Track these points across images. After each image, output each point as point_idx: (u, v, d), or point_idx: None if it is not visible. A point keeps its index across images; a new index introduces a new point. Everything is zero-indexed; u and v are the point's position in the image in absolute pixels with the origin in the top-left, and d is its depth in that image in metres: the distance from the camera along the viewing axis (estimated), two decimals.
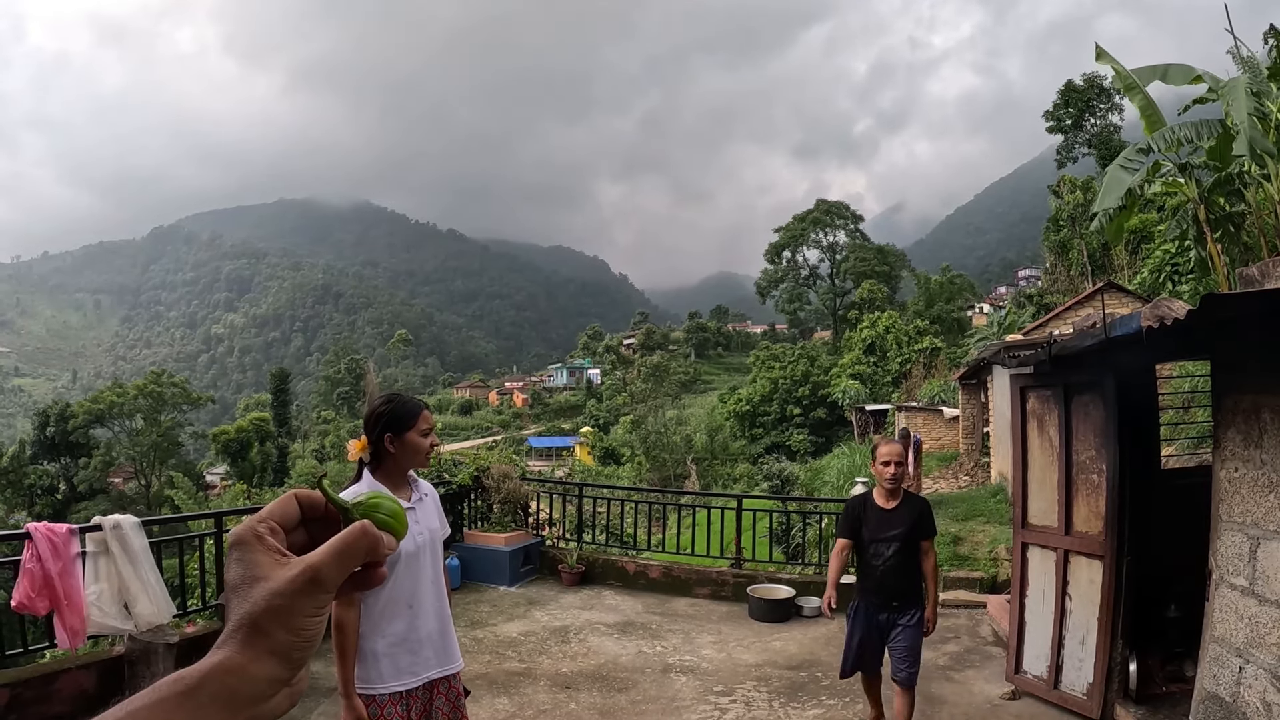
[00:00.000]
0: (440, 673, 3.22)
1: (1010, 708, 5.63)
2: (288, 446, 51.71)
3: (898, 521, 4.94)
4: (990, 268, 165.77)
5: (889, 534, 4.92)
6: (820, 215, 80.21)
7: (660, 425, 41.51)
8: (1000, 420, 15.18)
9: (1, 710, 4.95)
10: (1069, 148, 44.77)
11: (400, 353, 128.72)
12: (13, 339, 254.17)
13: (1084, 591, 5.45)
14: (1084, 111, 43.49)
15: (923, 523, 5.01)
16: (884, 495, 5.04)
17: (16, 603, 5.11)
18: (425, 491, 3.37)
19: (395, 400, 3.29)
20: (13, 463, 44.84)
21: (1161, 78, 10.02)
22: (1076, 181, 36.63)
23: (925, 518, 5.05)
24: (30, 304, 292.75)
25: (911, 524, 4.95)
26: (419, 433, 3.20)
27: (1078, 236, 33.65)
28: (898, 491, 5.02)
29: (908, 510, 4.99)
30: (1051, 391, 5.93)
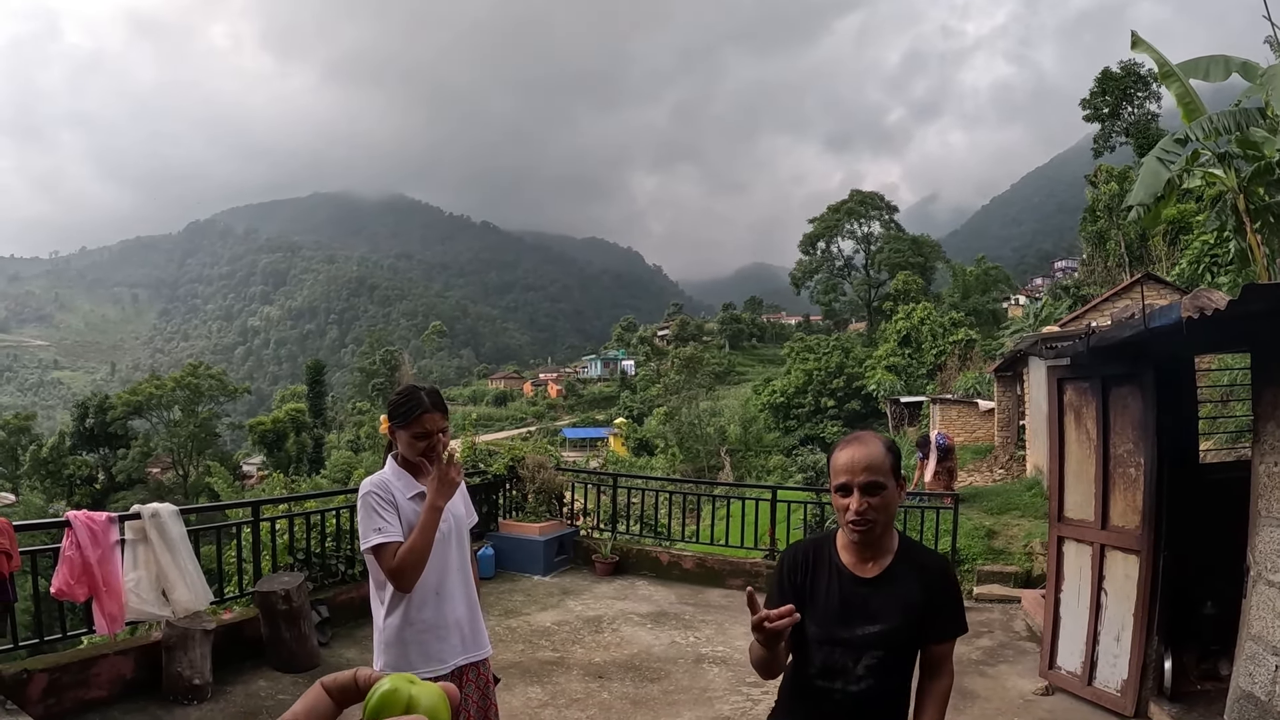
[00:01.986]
0: (469, 659, 3.21)
1: (1043, 703, 5.57)
2: (323, 437, 52.13)
3: (883, 607, 2.47)
4: (1026, 259, 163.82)
5: (862, 631, 2.47)
6: (854, 206, 79.73)
7: (694, 416, 41.51)
8: (1036, 413, 15.02)
9: (40, 695, 5.04)
10: (1106, 136, 44.05)
11: (435, 344, 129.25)
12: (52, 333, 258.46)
13: (1120, 587, 5.38)
14: (1121, 100, 42.79)
15: (938, 611, 2.50)
16: (853, 552, 2.55)
17: (56, 589, 5.21)
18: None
19: (401, 396, 3.25)
20: (52, 453, 45.70)
21: (1203, 76, 9.85)
22: (1114, 171, 36.12)
23: (943, 598, 2.53)
24: (69, 298, 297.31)
25: (910, 614, 2.46)
26: (412, 434, 3.15)
27: (1115, 227, 33.11)
28: (880, 544, 2.51)
29: (906, 583, 2.48)
30: (1089, 384, 5.85)
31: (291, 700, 4.24)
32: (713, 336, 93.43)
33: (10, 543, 4.98)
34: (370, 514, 3.03)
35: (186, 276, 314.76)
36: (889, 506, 2.41)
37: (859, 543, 2.46)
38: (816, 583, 2.54)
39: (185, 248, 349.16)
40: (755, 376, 68.58)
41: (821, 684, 2.50)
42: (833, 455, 2.49)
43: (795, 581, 2.57)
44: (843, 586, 2.49)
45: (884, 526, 2.43)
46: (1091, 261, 36.49)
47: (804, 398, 48.98)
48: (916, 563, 2.52)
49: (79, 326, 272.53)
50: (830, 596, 2.49)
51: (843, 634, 2.46)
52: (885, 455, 2.41)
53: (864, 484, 2.37)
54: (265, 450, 48.79)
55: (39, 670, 5.12)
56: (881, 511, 2.40)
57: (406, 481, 3.17)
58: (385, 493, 3.08)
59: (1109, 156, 42.74)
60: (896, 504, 2.48)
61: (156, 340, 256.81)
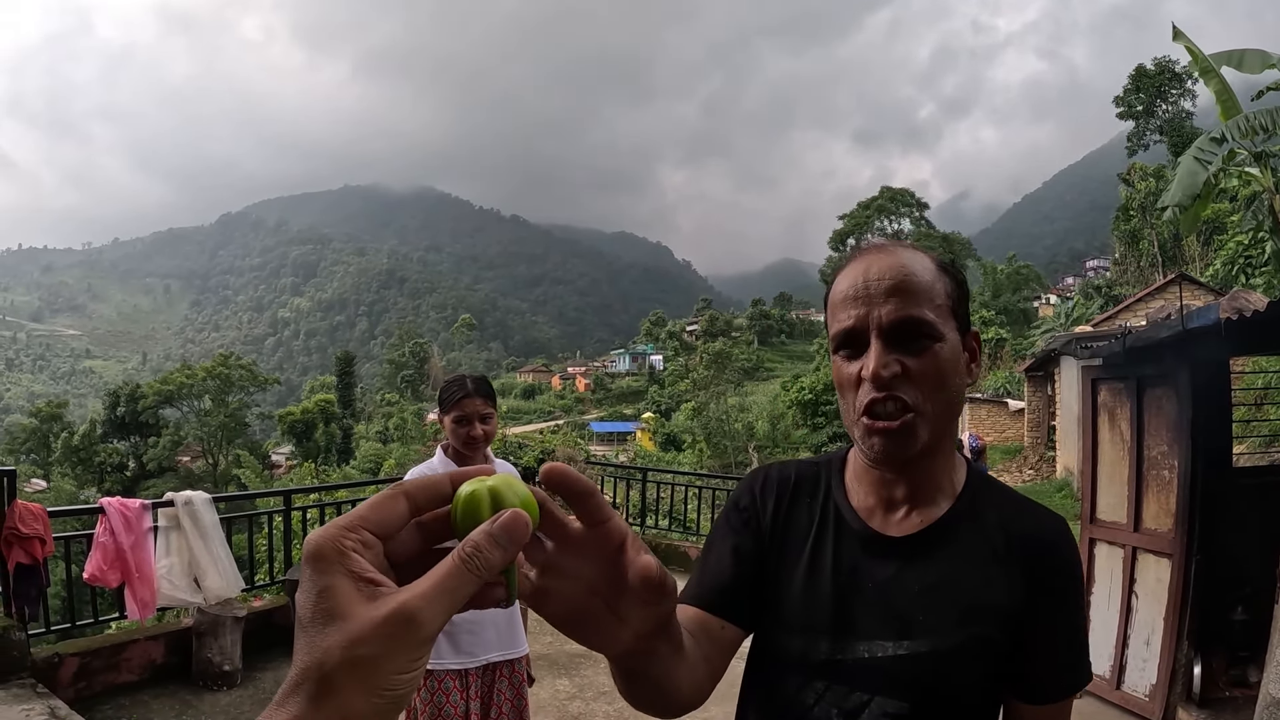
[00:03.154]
0: (503, 656, 3.20)
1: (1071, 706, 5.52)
2: (352, 428, 52.62)
3: (928, 603, 1.19)
4: (1058, 257, 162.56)
5: (875, 651, 1.20)
6: (885, 202, 79.26)
7: (722, 412, 41.49)
8: (1067, 413, 14.89)
9: (71, 678, 5.12)
10: (1140, 134, 43.51)
11: (464, 337, 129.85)
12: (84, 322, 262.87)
13: (1151, 590, 5.32)
14: (1155, 97, 42.26)
15: (1049, 634, 1.21)
16: (873, 485, 1.28)
17: (89, 575, 5.29)
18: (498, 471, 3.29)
19: (447, 383, 3.32)
20: (84, 440, 46.46)
21: (1236, 65, 9.71)
22: (1148, 169, 35.70)
23: (1060, 607, 1.22)
24: (101, 289, 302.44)
25: (986, 625, 1.18)
26: (452, 419, 3.21)
27: (1149, 226, 32.75)
28: (927, 470, 1.24)
29: (981, 559, 1.22)
30: (1124, 384, 5.79)
31: None
32: (741, 332, 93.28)
33: (44, 528, 5.05)
34: None
35: (218, 268, 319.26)
36: (946, 379, 1.17)
37: (883, 461, 1.19)
38: (793, 539, 1.30)
39: (217, 239, 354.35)
40: (784, 373, 68.42)
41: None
42: (834, 282, 1.25)
43: (754, 523, 1.33)
44: (844, 552, 1.25)
45: (937, 428, 1.18)
46: (1124, 261, 36.12)
47: (832, 395, 48.52)
48: (1005, 520, 1.25)
49: (111, 316, 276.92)
50: (818, 571, 1.26)
51: (833, 651, 1.22)
52: (936, 273, 1.20)
53: (893, 322, 1.14)
54: (294, 440, 49.27)
55: (70, 654, 5.21)
56: (931, 388, 1.15)
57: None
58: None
59: (1143, 155, 42.25)
60: (963, 382, 1.22)
61: (188, 330, 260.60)
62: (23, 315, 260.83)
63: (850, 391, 1.20)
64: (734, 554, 1.30)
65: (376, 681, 0.52)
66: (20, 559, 4.90)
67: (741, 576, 1.29)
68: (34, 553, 4.95)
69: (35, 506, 5.15)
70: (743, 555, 1.30)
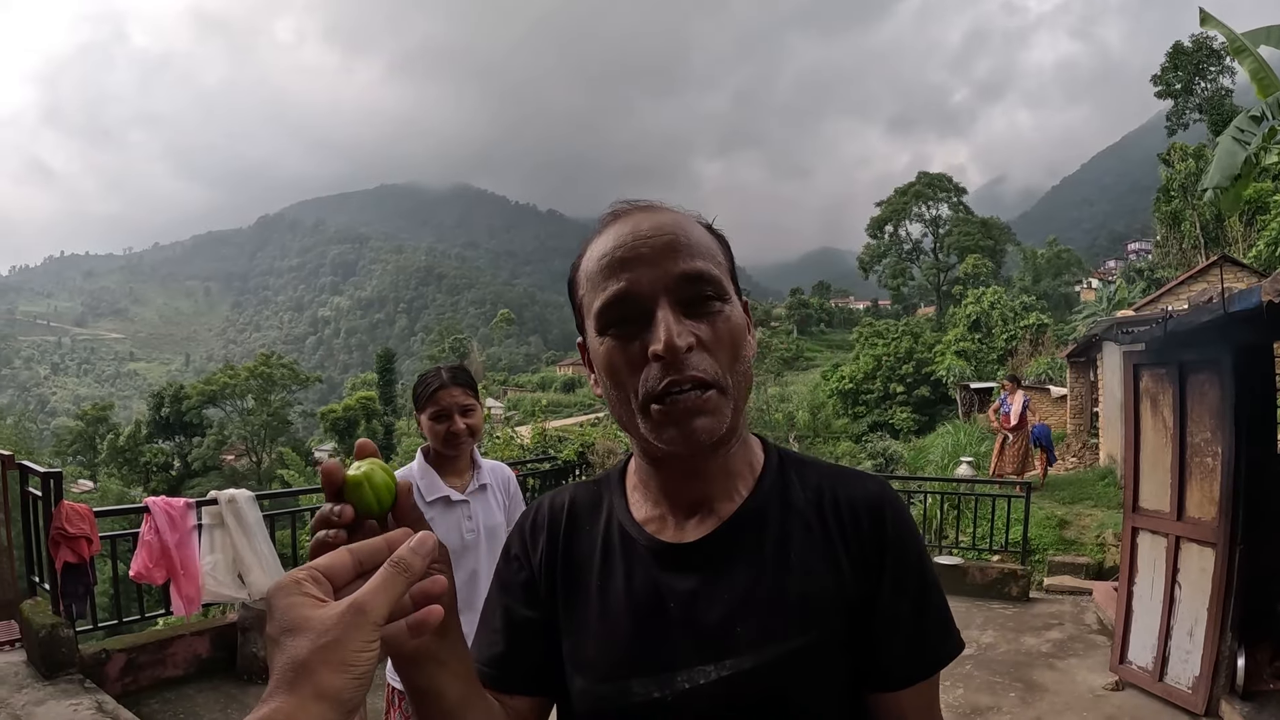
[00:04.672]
0: None
1: (1113, 699, 5.44)
2: (394, 424, 52.87)
3: (735, 613, 1.04)
4: (1098, 241, 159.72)
5: (687, 681, 1.03)
6: (922, 188, 78.45)
7: (762, 403, 41.29)
8: (1110, 400, 14.67)
9: (119, 673, 5.23)
10: (1179, 114, 42.54)
11: (503, 332, 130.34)
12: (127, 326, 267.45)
13: (1194, 580, 5.22)
14: (1194, 75, 41.25)
15: (888, 611, 1.06)
16: (656, 488, 1.12)
17: (135, 572, 5.38)
18: (487, 478, 3.03)
19: (420, 377, 3.00)
20: (129, 441, 47.26)
21: (1276, 44, 9.48)
22: (1188, 149, 34.89)
23: (892, 577, 1.07)
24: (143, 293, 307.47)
25: (807, 622, 1.03)
26: (429, 416, 2.88)
27: (1190, 207, 32.06)
28: (718, 459, 1.07)
29: (791, 548, 1.07)
30: (1166, 370, 5.68)
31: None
32: (780, 322, 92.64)
33: (90, 528, 5.14)
34: None
35: (257, 269, 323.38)
36: (740, 348, 1.03)
37: (685, 454, 1.01)
38: (578, 575, 1.14)
39: (256, 241, 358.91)
40: (824, 362, 67.94)
41: None
42: (589, 246, 1.07)
43: (526, 572, 1.17)
44: (637, 575, 1.09)
45: (739, 407, 1.04)
46: (1166, 243, 35.36)
47: (873, 383, 48.32)
48: (816, 497, 1.11)
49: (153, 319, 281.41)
50: (612, 604, 1.10)
51: (639, 689, 1.05)
52: (707, 232, 1.07)
53: (679, 278, 0.98)
54: (337, 437, 49.66)
55: (117, 650, 5.30)
56: (729, 359, 1.01)
57: (430, 482, 2.91)
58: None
59: (1183, 134, 41.30)
60: (750, 355, 1.06)
61: (229, 331, 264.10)
62: (67, 320, 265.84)
63: (630, 377, 0.98)
64: (505, 618, 1.16)
65: (342, 658, 0.65)
66: (68, 558, 4.99)
67: (517, 644, 1.14)
68: (81, 552, 5.04)
69: (81, 507, 5.24)
70: (515, 619, 1.15)
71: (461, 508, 2.91)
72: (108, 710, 4.47)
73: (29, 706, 4.44)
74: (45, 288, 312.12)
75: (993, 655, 6.39)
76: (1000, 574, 8.11)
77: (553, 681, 1.13)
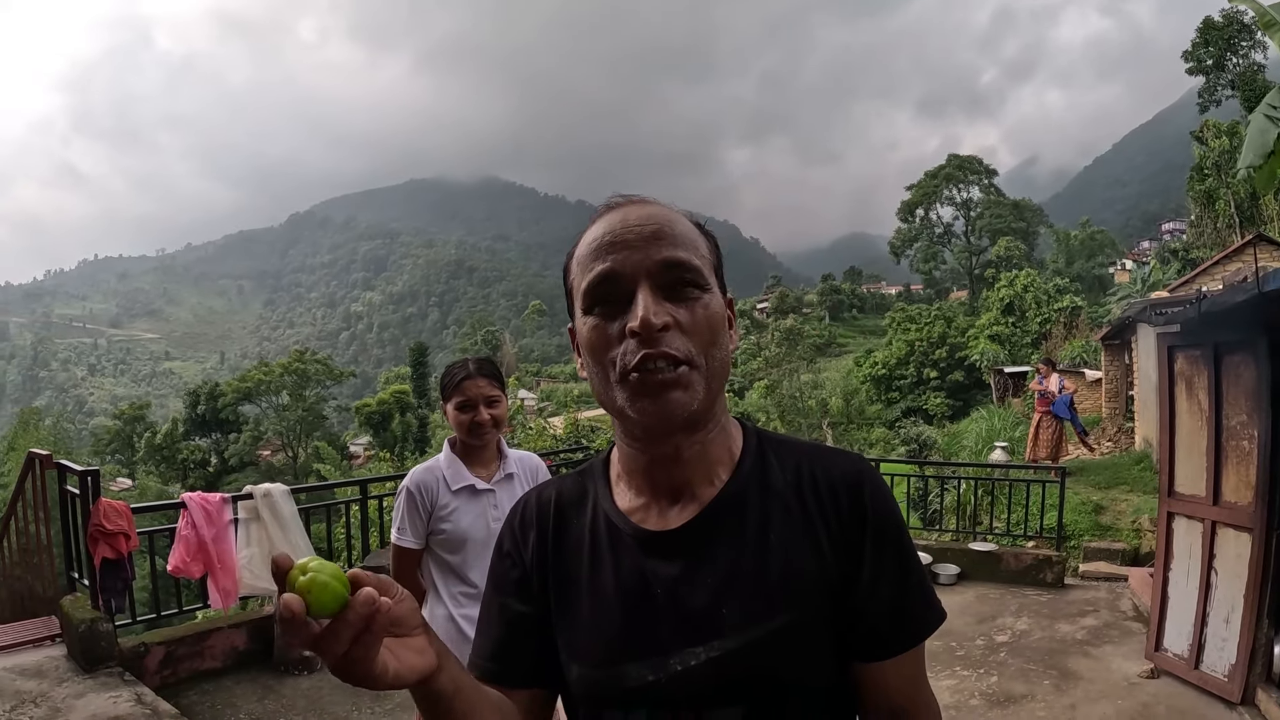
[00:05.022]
0: None
1: (1148, 686, 5.38)
2: (427, 417, 53.16)
3: (719, 595, 1.08)
4: (1131, 221, 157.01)
5: (679, 664, 1.07)
6: (952, 171, 77.72)
7: (795, 390, 41.14)
8: (1145, 383, 14.49)
9: (157, 666, 5.33)
10: (1211, 90, 41.47)
11: (535, 323, 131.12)
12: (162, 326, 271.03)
13: (1230, 566, 5.14)
14: (1225, 51, 40.22)
15: (869, 585, 1.10)
16: (640, 477, 1.16)
17: (172, 567, 5.47)
18: (513, 468, 3.04)
19: (447, 368, 3.03)
20: (166, 439, 47.97)
21: None
22: (1221, 126, 34.14)
23: (873, 552, 1.10)
24: (176, 293, 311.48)
25: (790, 600, 1.07)
26: (455, 406, 2.90)
27: (1224, 186, 31.44)
28: (698, 446, 1.11)
29: (770, 529, 1.11)
30: (1200, 351, 5.59)
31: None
32: (812, 308, 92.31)
33: (128, 524, 5.23)
34: (399, 511, 2.94)
35: (289, 266, 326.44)
36: (718, 335, 1.07)
37: (657, 426, 1.05)
38: (568, 567, 1.18)
39: (287, 239, 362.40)
40: (856, 348, 67.71)
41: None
42: (577, 242, 1.13)
43: (519, 568, 1.21)
44: (624, 563, 1.13)
45: (713, 388, 1.07)
46: (1200, 223, 34.73)
47: (906, 369, 48.04)
48: (795, 477, 1.14)
49: (187, 319, 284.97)
50: (602, 593, 1.14)
51: (633, 675, 1.09)
52: (693, 227, 1.12)
53: (661, 264, 1.04)
54: (371, 431, 50.08)
55: (156, 643, 5.40)
56: (704, 342, 1.05)
57: (455, 471, 2.95)
58: (424, 493, 2.90)
59: (1215, 111, 40.37)
60: (730, 346, 1.11)
61: (263, 329, 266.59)
62: (102, 322, 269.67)
63: (609, 354, 1.04)
64: (501, 615, 1.21)
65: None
66: (106, 554, 5.08)
67: (515, 639, 1.19)
68: (119, 547, 5.13)
69: (119, 503, 5.33)
70: (511, 616, 1.20)
71: (487, 497, 2.94)
72: (146, 702, 4.55)
73: (69, 699, 4.52)
74: (80, 290, 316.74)
75: (1027, 642, 6.35)
76: (1035, 560, 8.05)
77: (553, 674, 1.18)
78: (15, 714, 4.31)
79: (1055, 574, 7.93)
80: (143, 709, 4.46)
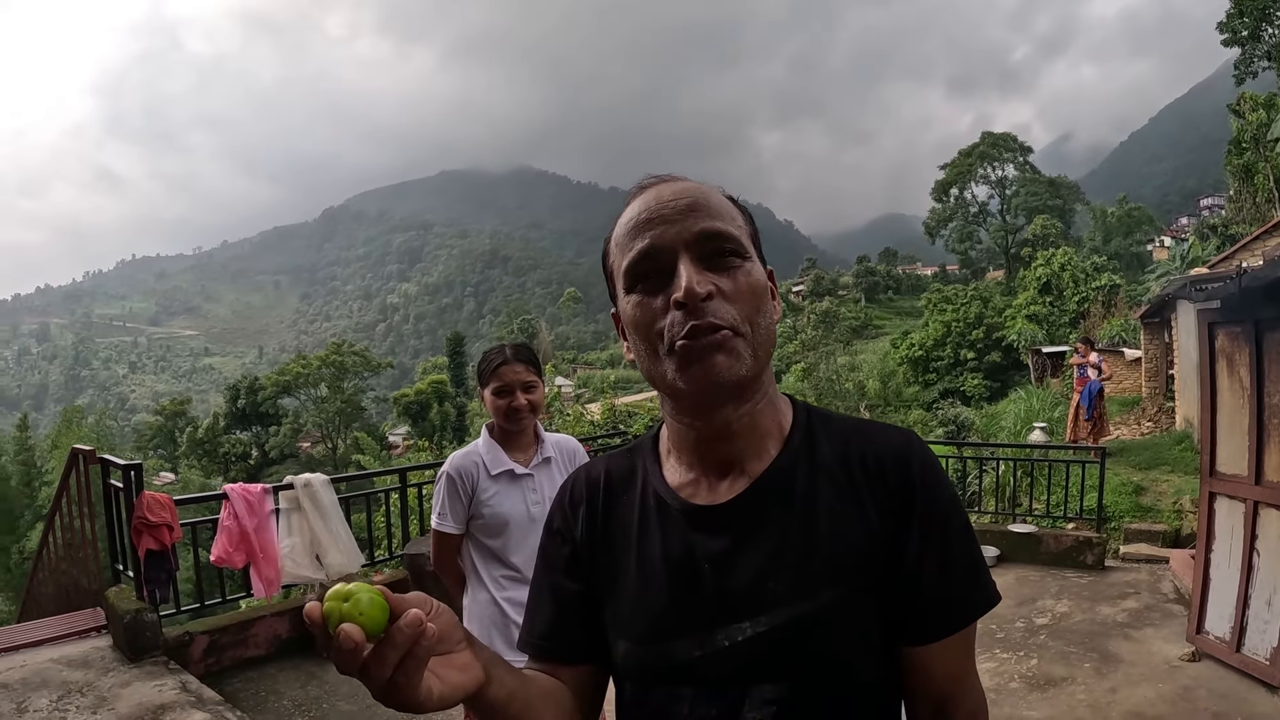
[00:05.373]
0: None
1: (1189, 670, 5.32)
2: (465, 405, 53.41)
3: (768, 570, 1.07)
4: (1169, 197, 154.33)
5: (725, 639, 1.07)
6: (987, 149, 76.67)
7: (832, 372, 40.91)
8: (1186, 361, 14.28)
9: (201, 654, 5.43)
10: (1247, 62, 40.22)
11: (571, 310, 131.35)
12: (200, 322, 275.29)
13: (1273, 547, 5.05)
14: (1261, 21, 39.09)
15: (917, 561, 1.07)
16: (688, 451, 1.15)
17: (215, 557, 5.56)
18: (550, 452, 3.07)
19: (484, 354, 3.03)
20: (208, 433, 48.74)
21: None
22: (1258, 99, 33.26)
23: (925, 527, 1.08)
24: (214, 290, 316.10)
25: (843, 573, 1.06)
26: (492, 391, 2.92)
27: (1263, 159, 30.71)
28: (746, 417, 1.10)
29: (819, 503, 1.09)
30: (1242, 328, 5.48)
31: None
32: (848, 290, 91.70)
33: (171, 516, 5.31)
34: (439, 496, 2.95)
35: (325, 260, 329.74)
36: (761, 302, 1.07)
37: (707, 393, 1.04)
38: (618, 542, 1.19)
39: (322, 233, 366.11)
40: (893, 329, 67.07)
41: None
42: (615, 225, 1.13)
43: (577, 538, 1.22)
44: (672, 539, 1.13)
45: (759, 356, 1.06)
46: (1239, 198, 33.94)
47: (943, 350, 47.55)
48: (844, 451, 1.13)
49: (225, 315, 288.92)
50: (650, 569, 1.14)
51: (681, 650, 1.10)
52: (728, 200, 1.13)
53: (699, 235, 1.04)
54: (410, 420, 50.37)
55: (200, 632, 5.49)
56: (749, 310, 1.05)
57: (494, 456, 2.97)
58: (464, 478, 2.93)
59: (1252, 83, 39.30)
60: (774, 314, 1.12)
61: (300, 322, 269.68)
62: (141, 320, 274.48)
63: (655, 328, 1.04)
64: (552, 593, 1.22)
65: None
66: (150, 545, 5.16)
67: (565, 616, 1.20)
68: (162, 539, 5.21)
69: (162, 496, 5.41)
70: (562, 593, 1.21)
71: (526, 481, 2.97)
72: (192, 690, 4.61)
73: (115, 689, 4.59)
74: (119, 290, 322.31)
75: (1067, 625, 6.30)
76: (1075, 542, 7.97)
77: (603, 650, 1.19)
78: (62, 703, 4.38)
79: (1095, 556, 7.85)
80: (188, 696, 4.52)
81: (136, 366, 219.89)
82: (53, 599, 6.66)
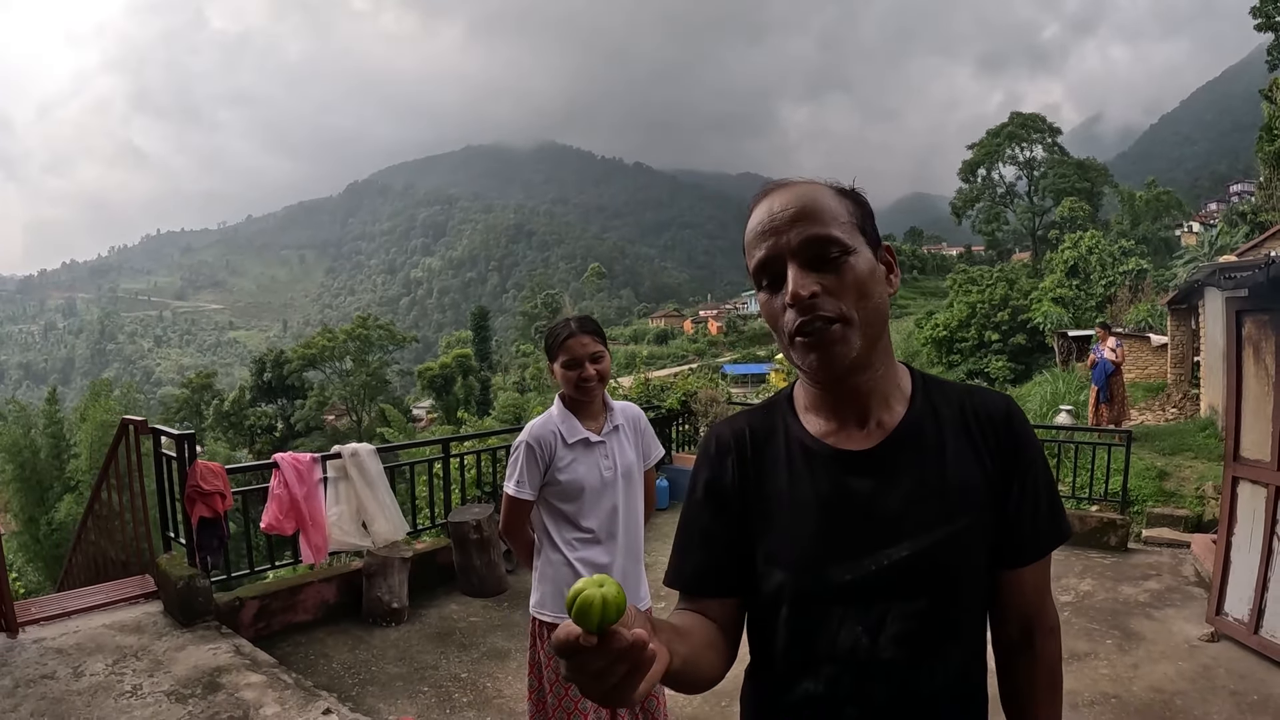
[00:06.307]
0: None
1: (1208, 650, 5.44)
2: (489, 379, 53.50)
3: (908, 505, 1.29)
4: (1199, 182, 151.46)
5: (872, 563, 1.28)
6: (1015, 129, 75.59)
7: None
8: (1212, 348, 14.27)
9: (251, 619, 5.62)
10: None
11: (595, 286, 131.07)
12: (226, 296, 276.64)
13: None
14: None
15: (1019, 497, 1.34)
16: (824, 407, 1.36)
17: (265, 525, 5.76)
18: (619, 419, 3.17)
19: (551, 328, 3.12)
20: (234, 406, 49.00)
21: None
22: None
23: (1023, 470, 1.34)
24: (239, 264, 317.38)
25: (968, 506, 1.30)
26: (561, 364, 3.01)
27: None
28: (872, 380, 1.32)
29: (945, 449, 1.33)
30: (1269, 316, 5.56)
31: (481, 622, 4.56)
32: None
33: (224, 484, 5.51)
34: (515, 463, 3.05)
35: (349, 235, 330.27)
36: (866, 288, 1.24)
37: (825, 374, 1.26)
38: (769, 485, 1.36)
39: (346, 208, 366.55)
40: (917, 310, 66.58)
41: (809, 690, 1.33)
42: (748, 221, 1.32)
43: (727, 484, 1.39)
44: (821, 479, 1.31)
45: (869, 334, 1.25)
46: (1269, 184, 33.37)
47: (967, 331, 47.15)
48: (960, 407, 1.36)
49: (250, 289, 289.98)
50: (803, 506, 1.31)
51: (834, 575, 1.28)
52: (835, 196, 1.28)
53: (801, 243, 1.23)
54: (434, 394, 50.47)
55: (250, 597, 5.67)
56: (854, 298, 1.23)
57: (570, 426, 3.07)
58: (542, 447, 3.02)
59: None
60: (885, 291, 1.29)
61: (325, 296, 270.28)
62: (167, 295, 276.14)
63: (778, 321, 1.27)
64: (703, 535, 1.41)
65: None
66: (203, 513, 5.35)
67: (715, 556, 1.40)
68: (215, 507, 5.40)
69: (215, 465, 5.60)
70: (712, 535, 1.40)
71: (600, 448, 3.07)
72: (245, 653, 4.79)
73: (170, 652, 4.75)
74: (145, 265, 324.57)
75: (1091, 603, 6.41)
76: (1099, 523, 8.06)
77: (746, 585, 1.38)
78: (118, 667, 4.52)
79: (1119, 538, 7.94)
80: (243, 659, 4.70)
81: (162, 340, 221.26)
82: (102, 567, 6.78)
